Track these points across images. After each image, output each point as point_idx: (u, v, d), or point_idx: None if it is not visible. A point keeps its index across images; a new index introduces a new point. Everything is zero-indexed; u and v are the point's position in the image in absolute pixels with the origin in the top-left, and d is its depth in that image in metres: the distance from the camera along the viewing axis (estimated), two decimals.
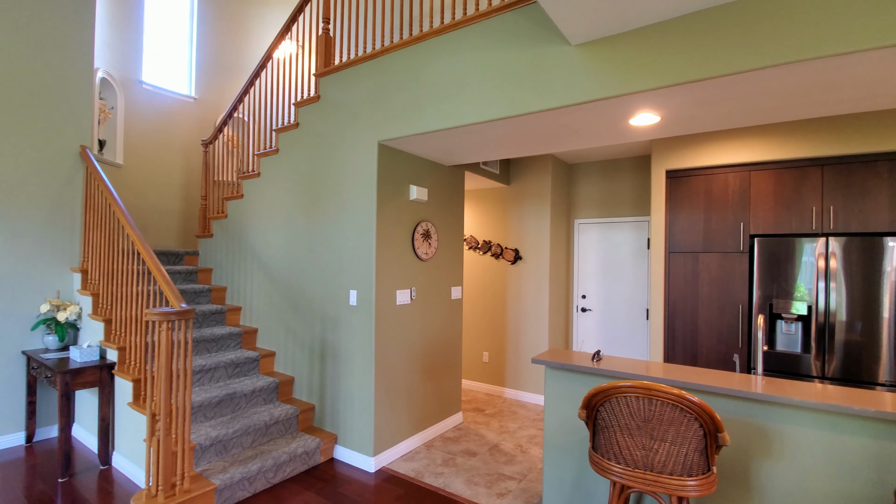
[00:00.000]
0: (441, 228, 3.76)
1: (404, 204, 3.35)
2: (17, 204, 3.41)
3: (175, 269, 4.11)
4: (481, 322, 4.94)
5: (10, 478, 2.90)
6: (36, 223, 3.50)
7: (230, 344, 3.71)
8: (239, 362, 3.48)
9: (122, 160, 4.85)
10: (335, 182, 3.36)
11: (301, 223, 3.59)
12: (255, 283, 3.95)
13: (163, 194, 5.26)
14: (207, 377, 3.29)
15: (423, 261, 3.54)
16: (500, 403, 4.51)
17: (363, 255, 3.16)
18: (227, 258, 4.26)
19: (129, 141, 4.95)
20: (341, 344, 3.27)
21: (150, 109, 5.16)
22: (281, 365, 3.69)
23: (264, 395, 3.37)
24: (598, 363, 2.21)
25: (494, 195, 4.92)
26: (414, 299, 3.44)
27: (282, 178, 3.77)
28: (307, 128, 3.59)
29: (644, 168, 4.54)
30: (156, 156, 5.20)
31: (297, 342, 3.57)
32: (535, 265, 4.59)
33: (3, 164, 3.32)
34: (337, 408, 3.28)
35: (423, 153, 3.40)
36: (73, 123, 3.68)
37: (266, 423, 3.07)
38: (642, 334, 4.51)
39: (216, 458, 2.81)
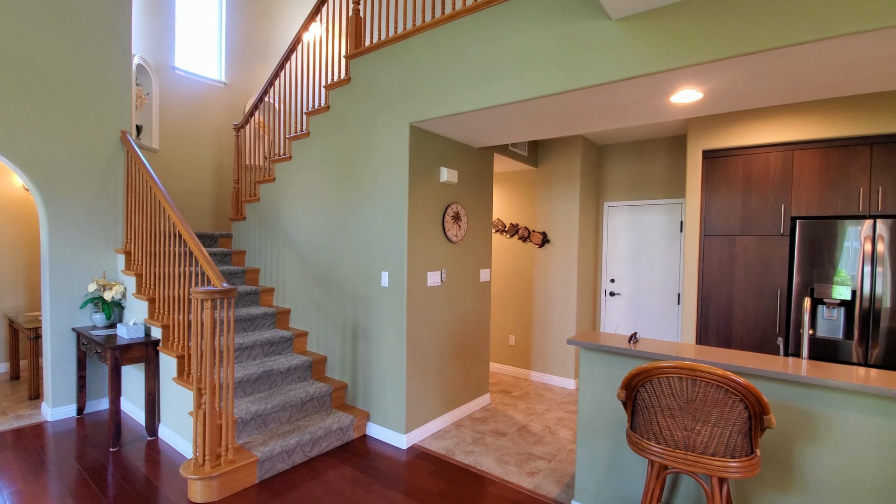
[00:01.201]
0: (470, 211, 3.76)
1: (435, 186, 3.36)
2: (65, 189, 3.55)
3: (210, 251, 4.23)
4: (508, 305, 4.95)
5: (65, 447, 3.09)
6: (82, 207, 3.65)
7: (265, 324, 3.82)
8: (274, 341, 3.59)
9: (157, 145, 4.98)
10: (367, 164, 3.38)
11: (333, 205, 3.64)
12: (288, 264, 4.04)
13: (196, 178, 5.39)
14: (245, 355, 3.41)
15: (452, 243, 3.55)
16: (526, 386, 4.54)
17: (395, 236, 3.18)
18: (261, 240, 4.36)
19: (163, 126, 5.08)
20: (373, 324, 3.33)
21: (183, 95, 5.26)
22: (314, 344, 3.79)
23: (299, 374, 3.47)
24: (636, 345, 2.20)
25: (522, 178, 4.87)
26: (444, 281, 3.47)
27: (313, 161, 3.81)
28: (338, 110, 3.61)
29: (678, 148, 4.41)
30: (189, 140, 5.32)
31: (330, 322, 3.65)
32: (562, 248, 4.55)
33: (50, 151, 3.46)
34: (369, 386, 3.36)
35: (454, 134, 3.39)
36: (114, 110, 3.79)
37: (302, 399, 3.17)
38: (672, 319, 4.44)
39: (256, 431, 2.92)
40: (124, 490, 2.56)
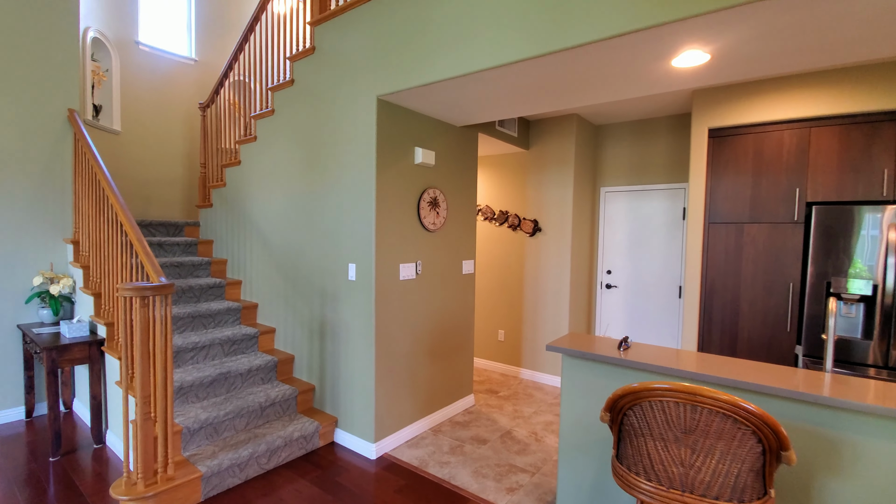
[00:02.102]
0: (451, 196, 3.41)
1: (409, 168, 3.01)
2: (6, 172, 3.22)
3: (174, 241, 3.92)
4: (496, 298, 4.63)
5: (5, 455, 2.81)
6: (26, 191, 3.32)
7: (228, 320, 3.52)
8: (236, 339, 3.29)
9: (119, 126, 4.63)
10: (332, 144, 3.04)
11: (299, 190, 3.30)
12: (255, 255, 3.72)
13: (164, 163, 5.05)
14: (202, 355, 3.11)
15: (430, 232, 3.22)
16: (515, 385, 4.24)
17: (362, 224, 2.85)
18: (227, 229, 4.04)
19: (126, 106, 4.72)
20: (341, 321, 3.02)
21: (149, 72, 4.89)
22: (281, 342, 3.49)
23: (262, 375, 3.18)
24: (626, 352, 1.88)
25: (512, 161, 4.51)
26: (420, 274, 3.14)
27: (278, 142, 3.47)
28: (302, 84, 3.25)
29: (681, 128, 4.04)
30: (156, 122, 4.96)
31: (297, 318, 3.34)
32: (555, 237, 4.22)
33: None
34: (337, 390, 3.06)
35: (430, 111, 3.03)
36: (59, 86, 3.44)
37: (261, 404, 2.88)
38: (674, 314, 4.12)
39: (206, 441, 2.64)
40: None
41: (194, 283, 3.54)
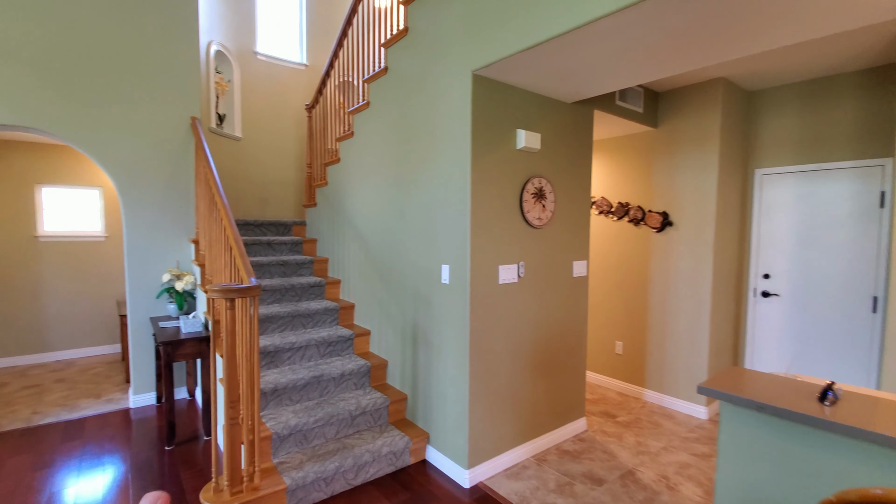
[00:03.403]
0: (560, 186, 2.91)
1: (510, 155, 2.60)
2: (138, 178, 3.54)
3: (282, 240, 4.02)
4: (614, 305, 3.97)
5: (129, 438, 3.05)
6: (157, 195, 3.63)
7: (326, 320, 3.46)
8: (332, 341, 3.20)
9: (240, 133, 4.95)
10: (424, 132, 2.75)
11: (391, 185, 3.09)
12: (352, 253, 3.63)
13: (279, 165, 5.31)
14: (299, 356, 3.07)
15: (535, 228, 2.77)
16: (637, 409, 3.57)
17: (455, 221, 2.52)
18: (329, 228, 4.03)
19: (246, 113, 5.03)
20: (433, 328, 2.73)
21: (265, 80, 5.17)
22: (376, 346, 3.33)
23: (355, 380, 3.03)
24: (833, 409, 1.24)
25: (636, 143, 3.81)
26: (522, 277, 2.71)
27: (373, 135, 3.30)
28: (395, 70, 3.03)
29: (877, 85, 2.98)
30: (272, 126, 5.24)
31: (390, 322, 3.14)
32: (691, 233, 3.44)
33: (123, 142, 3.46)
34: (429, 403, 2.78)
35: (536, 84, 2.57)
36: (183, 97, 3.70)
37: (351, 412, 2.71)
38: (864, 335, 3.08)
39: (296, 448, 2.54)
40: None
41: (296, 282, 3.56)
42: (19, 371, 4.43)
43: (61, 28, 3.20)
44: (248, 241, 3.82)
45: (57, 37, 3.19)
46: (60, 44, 3.20)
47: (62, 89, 3.23)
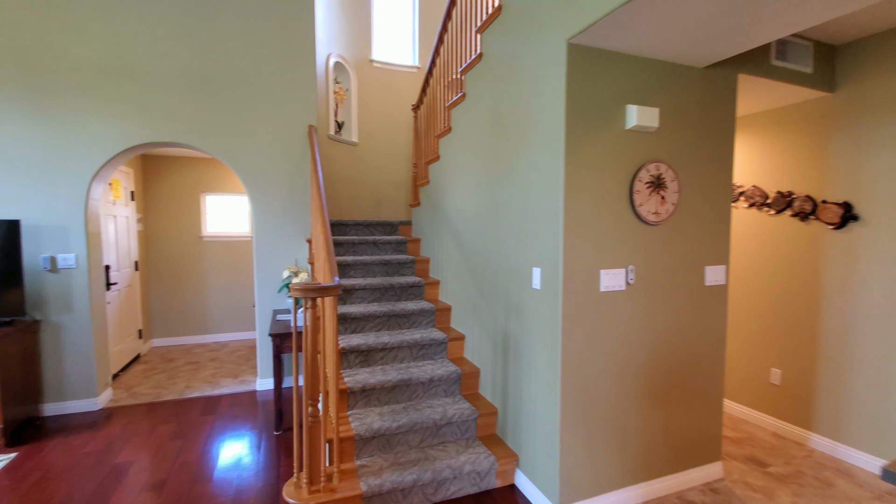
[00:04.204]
0: (686, 172, 2.37)
1: (616, 137, 2.17)
2: (266, 183, 3.92)
3: (388, 240, 4.09)
4: (769, 322, 3.15)
5: (244, 420, 3.36)
6: (281, 197, 3.98)
7: (422, 321, 3.39)
8: (425, 343, 3.10)
9: (356, 138, 5.22)
10: (516, 118, 2.47)
11: (484, 180, 2.87)
12: (449, 253, 3.50)
13: (392, 167, 5.48)
14: (391, 357, 3.04)
15: (650, 224, 2.28)
16: (799, 458, 2.76)
17: (547, 217, 2.19)
18: (430, 227, 3.98)
19: (362, 119, 5.29)
20: (524, 338, 2.43)
21: (379, 86, 5.38)
22: (469, 352, 3.15)
23: (445, 386, 2.89)
24: None
25: (802, 114, 2.96)
26: (632, 283, 2.25)
27: (468, 128, 3.12)
28: (489, 56, 2.80)
29: None
30: (385, 130, 5.43)
31: (483, 328, 2.92)
32: (888, 230, 2.53)
33: (252, 149, 3.85)
34: (519, 421, 2.49)
35: (650, 47, 2.11)
36: (302, 108, 3.99)
37: (436, 421, 2.57)
38: None
39: (379, 453, 2.48)
40: (232, 485, 2.49)
41: (396, 282, 3.56)
42: (185, 349, 5.31)
43: (202, 55, 3.69)
44: (356, 240, 3.96)
45: (199, 64, 3.68)
46: (201, 69, 3.69)
47: (204, 109, 3.71)
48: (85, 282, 3.48)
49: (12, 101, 3.27)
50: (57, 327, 3.44)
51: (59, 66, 3.35)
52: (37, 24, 3.29)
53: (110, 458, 2.80)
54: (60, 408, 3.46)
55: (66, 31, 3.35)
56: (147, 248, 5.39)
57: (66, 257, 3.43)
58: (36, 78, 3.31)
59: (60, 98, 3.36)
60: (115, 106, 3.49)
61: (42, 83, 3.32)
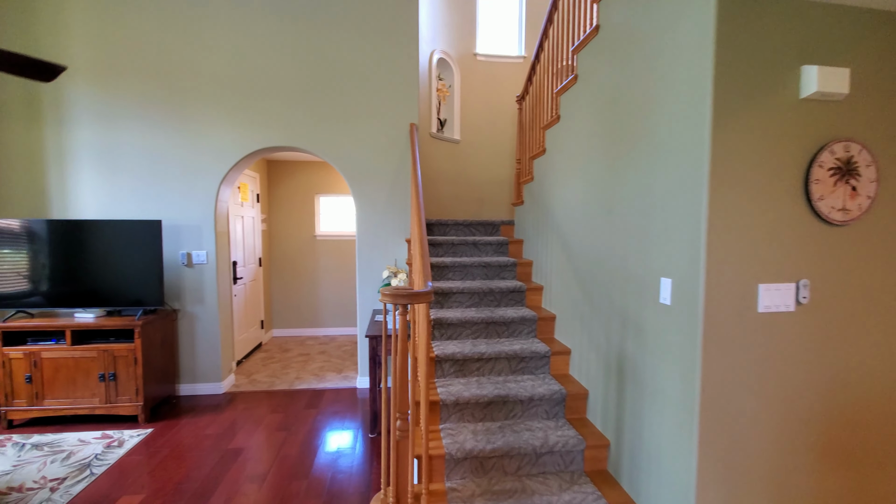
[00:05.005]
0: (887, 156, 1.73)
1: (785, 108, 1.65)
2: (368, 183, 3.95)
3: (488, 241, 3.86)
4: None
5: (348, 419, 3.37)
6: (381, 197, 3.98)
7: (522, 331, 3.09)
8: (525, 356, 2.80)
9: (459, 135, 5.07)
10: (641, 93, 2.05)
11: (598, 174, 2.47)
12: (554, 257, 3.14)
13: (495, 164, 5.23)
14: (487, 368, 2.79)
15: (833, 225, 1.71)
16: None
17: (682, 214, 1.75)
18: (534, 227, 3.64)
19: (465, 115, 5.13)
20: (645, 362, 2.00)
21: (483, 80, 5.16)
22: (576, 369, 2.76)
23: (546, 407, 2.55)
24: None
25: None
26: (805, 303, 1.70)
27: (579, 115, 2.74)
28: (608, 25, 2.40)
29: None
30: (489, 126, 5.20)
31: (592, 343, 2.53)
32: None
33: (356, 150, 3.90)
34: (637, 460, 2.06)
35: None
36: (403, 107, 3.94)
37: (536, 449, 2.25)
38: None
39: (471, 475, 2.25)
40: (322, 486, 2.43)
41: (495, 286, 3.31)
42: (299, 340, 5.67)
43: (312, 62, 3.81)
44: (455, 241, 3.80)
45: (310, 70, 3.82)
46: (312, 76, 3.82)
47: (314, 113, 3.84)
48: (214, 276, 3.83)
49: (159, 115, 3.70)
50: (191, 316, 3.83)
51: (193, 81, 3.71)
52: (177, 45, 3.69)
53: (225, 442, 2.98)
54: (192, 389, 3.85)
55: (199, 49, 3.71)
56: (269, 245, 5.87)
57: (199, 254, 3.80)
58: (176, 93, 3.70)
59: (195, 110, 3.73)
60: (238, 115, 3.77)
61: (181, 98, 3.71)
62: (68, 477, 2.50)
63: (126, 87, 3.65)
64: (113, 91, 3.64)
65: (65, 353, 3.20)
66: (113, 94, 3.64)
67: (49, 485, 2.41)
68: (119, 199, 3.69)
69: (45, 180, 3.62)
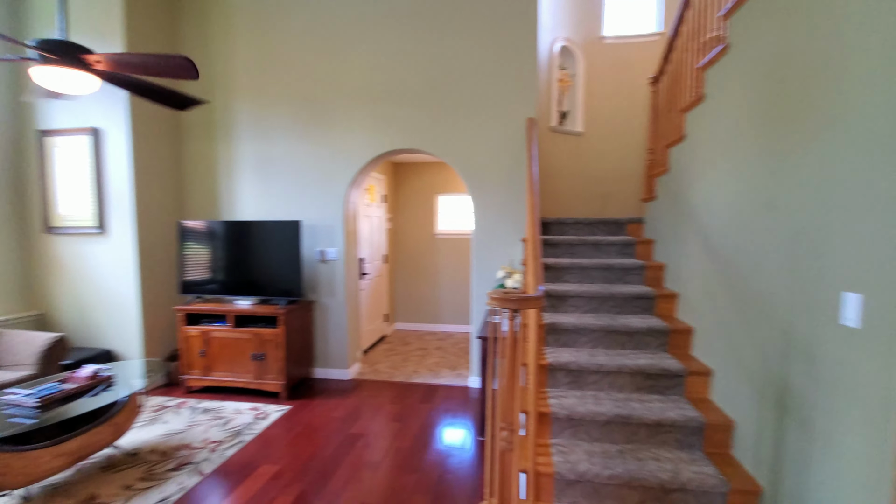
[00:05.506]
0: None
1: None
2: (485, 181, 3.90)
3: (612, 241, 3.52)
4: None
5: (458, 418, 3.37)
6: (498, 196, 3.90)
7: (650, 343, 2.73)
8: (653, 373, 2.46)
9: (581, 127, 4.74)
10: (820, 62, 1.61)
11: (755, 160, 2.04)
12: (693, 259, 2.71)
13: (622, 156, 4.78)
14: (606, 382, 2.52)
15: None
16: None
17: (881, 211, 1.32)
18: (668, 225, 3.21)
19: (589, 105, 4.77)
20: (817, 398, 1.57)
21: (611, 64, 4.74)
22: (718, 394, 2.33)
23: (679, 435, 2.21)
24: None
25: None
26: None
27: (731, 91, 2.30)
28: None
29: None
30: (616, 114, 4.76)
31: (741, 366, 2.10)
32: None
33: (475, 150, 3.88)
34: None
35: None
36: (521, 101, 3.80)
37: (664, 483, 1.95)
38: None
39: (584, 502, 2.04)
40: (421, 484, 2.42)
41: (618, 291, 2.99)
42: (419, 335, 5.90)
43: (431, 65, 3.88)
44: (574, 241, 3.54)
45: (428, 72, 3.89)
46: (430, 77, 3.89)
47: (432, 115, 3.92)
48: (343, 271, 4.16)
49: (302, 128, 4.13)
50: (325, 307, 4.22)
51: (330, 95, 4.06)
52: (319, 66, 4.06)
53: (347, 426, 3.21)
54: (324, 373, 4.25)
55: (336, 67, 4.04)
56: (393, 243, 6.22)
57: (331, 251, 4.17)
58: (316, 108, 4.10)
59: (330, 122, 4.08)
60: (366, 122, 4.02)
61: (319, 111, 4.09)
62: (224, 441, 2.93)
63: (276, 105, 4.15)
64: (267, 109, 4.17)
65: (227, 334, 3.78)
66: (267, 111, 4.17)
67: (209, 446, 2.86)
68: (270, 202, 4.23)
69: (217, 187, 4.31)
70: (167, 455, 2.74)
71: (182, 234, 3.95)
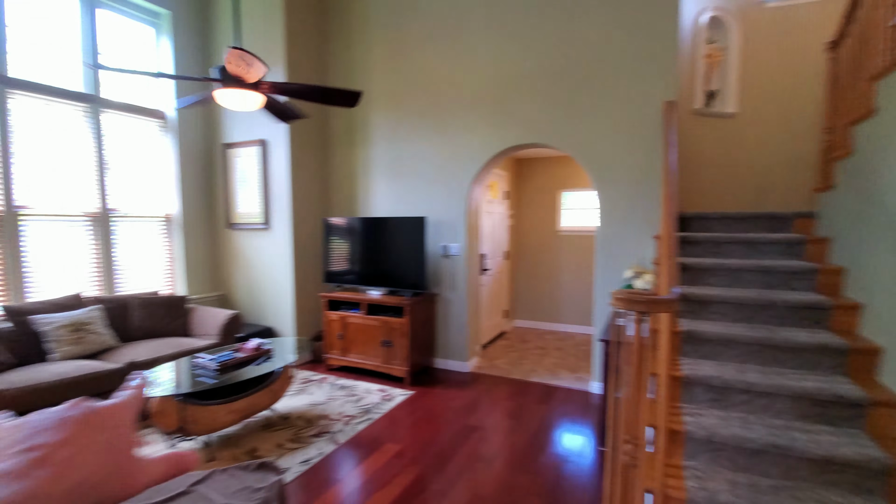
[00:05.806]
0: None
1: None
2: (613, 174, 3.65)
3: (772, 239, 3.00)
4: None
5: (578, 424, 3.21)
6: (628, 190, 3.62)
7: (820, 364, 2.26)
8: (822, 399, 2.04)
9: (734, 108, 4.13)
10: None
11: None
12: (886, 265, 2.16)
13: (787, 140, 4.04)
14: (758, 405, 2.16)
15: None
16: None
17: None
18: (851, 220, 2.61)
19: (745, 82, 4.14)
20: None
21: (774, 33, 4.04)
22: None
23: (855, 478, 1.79)
24: None
25: None
26: None
27: None
28: None
29: None
30: (778, 91, 4.05)
31: None
32: None
33: (602, 141, 3.65)
34: None
35: None
36: (657, 84, 3.45)
37: None
38: None
39: None
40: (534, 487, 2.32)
41: (779, 299, 2.53)
42: (538, 333, 5.78)
43: (553, 56, 3.74)
44: (720, 238, 3.10)
45: (553, 64, 3.76)
46: (556, 69, 3.75)
47: (557, 108, 3.78)
48: (464, 266, 4.27)
49: (427, 129, 4.34)
50: (447, 301, 4.38)
51: (454, 95, 4.19)
52: (443, 69, 4.22)
53: (464, 417, 3.30)
54: (444, 363, 4.42)
55: (459, 68, 4.15)
56: (515, 239, 6.18)
57: (453, 246, 4.31)
58: (441, 109, 4.26)
59: (454, 121, 4.21)
60: (488, 119, 4.06)
61: (444, 112, 4.25)
62: (356, 416, 3.25)
63: (405, 109, 4.43)
64: (397, 113, 4.48)
65: (361, 321, 4.17)
66: (397, 115, 4.48)
67: (343, 419, 3.20)
68: (400, 199, 4.53)
69: (356, 187, 4.77)
70: (311, 422, 3.14)
71: (327, 230, 4.46)
